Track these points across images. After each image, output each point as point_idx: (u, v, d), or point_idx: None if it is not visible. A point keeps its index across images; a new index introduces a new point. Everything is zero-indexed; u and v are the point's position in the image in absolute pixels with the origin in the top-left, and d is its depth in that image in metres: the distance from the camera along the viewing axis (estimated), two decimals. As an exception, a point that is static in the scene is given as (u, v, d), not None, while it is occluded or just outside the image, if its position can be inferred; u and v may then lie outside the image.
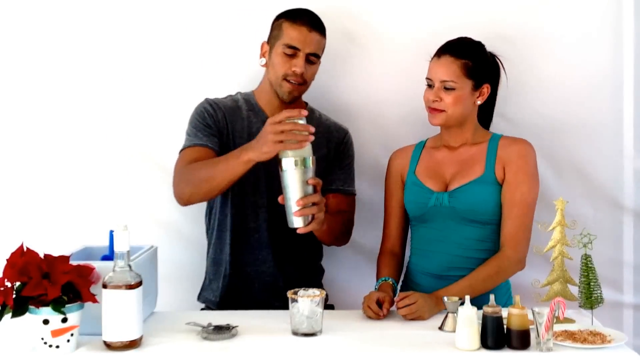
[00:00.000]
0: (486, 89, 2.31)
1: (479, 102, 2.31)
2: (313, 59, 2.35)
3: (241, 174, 2.15)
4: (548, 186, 2.56)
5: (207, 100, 2.44)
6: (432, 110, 2.29)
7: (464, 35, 2.35)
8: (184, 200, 2.28)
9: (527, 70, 2.65)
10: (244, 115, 2.43)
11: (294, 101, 2.40)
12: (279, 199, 2.08)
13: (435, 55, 2.30)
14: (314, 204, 2.05)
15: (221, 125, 2.39)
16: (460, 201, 2.24)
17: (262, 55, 2.41)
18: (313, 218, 2.07)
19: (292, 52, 2.32)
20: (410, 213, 2.37)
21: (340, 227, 2.43)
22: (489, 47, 2.40)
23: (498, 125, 2.56)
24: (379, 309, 2.08)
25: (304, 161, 2.03)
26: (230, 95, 2.49)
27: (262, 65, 2.41)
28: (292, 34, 2.32)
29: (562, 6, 2.65)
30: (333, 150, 2.47)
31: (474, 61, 2.26)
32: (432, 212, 2.29)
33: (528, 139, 2.36)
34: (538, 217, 2.26)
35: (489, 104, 2.42)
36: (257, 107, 2.44)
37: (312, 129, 2.00)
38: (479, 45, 2.33)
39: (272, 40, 2.38)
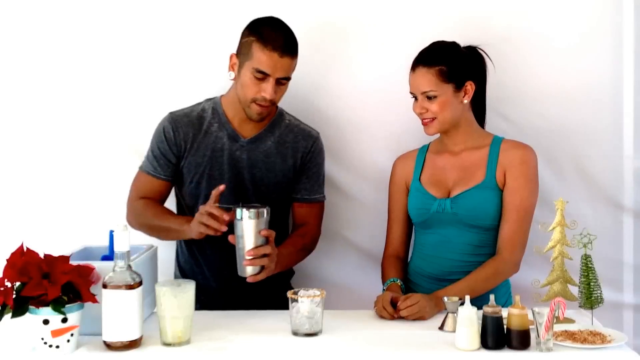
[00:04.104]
0: (470, 86, 2.31)
1: (465, 101, 2.31)
2: (283, 81, 2.28)
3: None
4: (548, 186, 2.56)
5: (168, 118, 2.40)
6: (423, 122, 2.31)
7: (463, 35, 2.36)
8: (131, 227, 2.32)
9: (527, 70, 2.64)
10: (208, 129, 2.39)
11: (263, 120, 2.38)
12: (230, 238, 2.10)
13: (410, 70, 2.31)
14: (265, 254, 2.08)
15: (179, 147, 2.38)
16: (462, 207, 2.25)
17: (231, 68, 2.32)
18: (263, 268, 2.09)
19: (262, 76, 2.25)
20: (413, 219, 2.38)
21: (298, 257, 2.45)
22: (489, 49, 2.40)
23: (499, 126, 2.56)
24: (393, 309, 2.08)
25: (258, 212, 2.05)
26: (198, 105, 2.44)
27: (231, 79, 2.34)
28: (262, 58, 2.23)
29: (562, 7, 2.65)
30: (300, 159, 2.44)
31: (447, 64, 2.27)
32: (435, 218, 2.29)
33: (528, 139, 2.36)
34: (538, 216, 2.26)
35: (479, 98, 2.41)
36: (223, 118, 2.39)
37: (226, 219, 2.07)
38: (451, 47, 2.32)
39: (241, 56, 2.29)
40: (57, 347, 1.78)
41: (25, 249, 1.79)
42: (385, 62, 2.67)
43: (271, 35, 2.24)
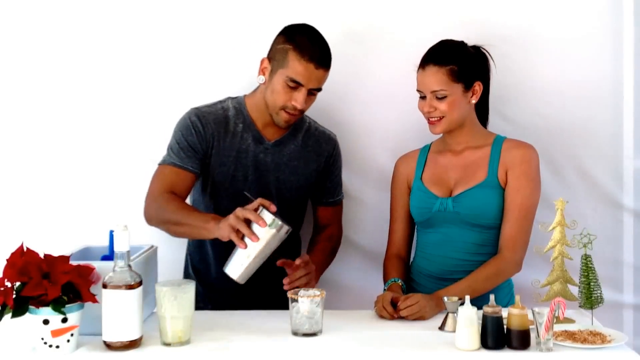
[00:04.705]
0: (478, 87, 2.31)
1: (473, 101, 2.31)
2: (314, 92, 2.29)
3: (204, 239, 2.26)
4: (548, 186, 2.56)
5: (195, 112, 2.35)
6: (430, 121, 2.30)
7: (464, 35, 2.35)
8: (149, 224, 2.28)
9: (527, 70, 2.65)
10: (234, 129, 2.36)
11: (289, 127, 2.38)
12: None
13: (419, 67, 2.29)
14: (304, 273, 2.16)
15: (207, 143, 2.34)
16: (464, 206, 2.25)
17: (262, 72, 2.31)
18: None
19: (295, 85, 2.24)
20: (415, 218, 2.38)
21: (329, 260, 2.50)
22: (489, 49, 2.40)
23: (498, 125, 2.56)
24: (393, 309, 2.08)
25: (282, 226, 1.97)
26: (220, 103, 2.40)
27: (261, 83, 2.32)
28: (298, 69, 2.23)
29: (562, 6, 2.65)
30: (323, 163, 2.47)
31: (458, 64, 2.25)
32: (437, 217, 2.30)
33: (528, 139, 2.36)
34: (538, 217, 2.26)
35: (482, 98, 2.40)
36: (248, 119, 2.37)
37: (265, 225, 1.96)
38: (460, 47, 2.31)
39: (274, 62, 2.28)
40: (57, 347, 1.78)
41: (25, 249, 1.79)
42: (386, 62, 2.67)
43: (308, 46, 2.23)
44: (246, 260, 1.99)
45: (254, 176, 2.38)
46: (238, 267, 2.01)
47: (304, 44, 2.24)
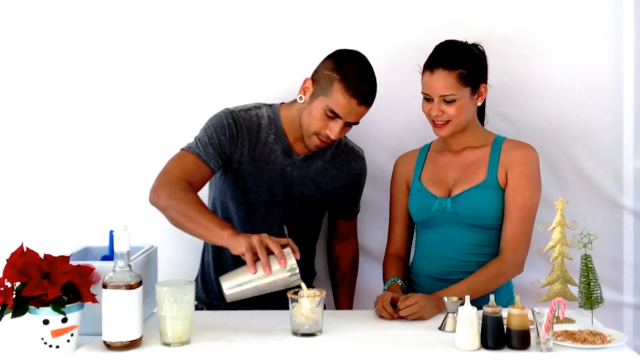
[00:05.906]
0: (484, 89, 2.30)
1: (479, 103, 2.31)
2: (351, 124, 2.28)
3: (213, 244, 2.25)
4: (548, 186, 2.56)
5: (231, 115, 2.32)
6: (436, 124, 2.27)
7: (464, 35, 2.34)
8: (154, 206, 2.20)
9: (527, 70, 2.65)
10: (265, 139, 2.35)
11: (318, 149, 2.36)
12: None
13: (427, 70, 2.25)
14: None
15: (236, 149, 2.32)
16: (463, 206, 2.25)
17: (303, 91, 2.28)
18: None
19: (333, 116, 2.22)
20: (414, 218, 2.37)
21: (356, 270, 2.63)
22: (489, 48, 2.39)
23: (498, 126, 2.56)
24: (393, 310, 2.08)
25: (295, 275, 1.92)
26: (256, 109, 2.37)
27: (300, 102, 2.29)
28: (341, 101, 2.20)
29: (562, 6, 2.65)
30: (349, 181, 2.47)
31: (467, 68, 2.23)
32: (436, 217, 2.29)
33: (528, 139, 2.36)
34: (538, 217, 2.26)
35: None
36: (280, 131, 2.35)
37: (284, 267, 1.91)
38: (467, 49, 2.28)
39: (317, 86, 2.25)
40: (57, 347, 1.78)
41: (25, 249, 1.79)
42: (385, 62, 2.65)
43: (356, 81, 2.21)
44: (246, 284, 1.94)
45: (278, 189, 2.37)
46: (234, 285, 1.95)
47: (352, 77, 2.21)
